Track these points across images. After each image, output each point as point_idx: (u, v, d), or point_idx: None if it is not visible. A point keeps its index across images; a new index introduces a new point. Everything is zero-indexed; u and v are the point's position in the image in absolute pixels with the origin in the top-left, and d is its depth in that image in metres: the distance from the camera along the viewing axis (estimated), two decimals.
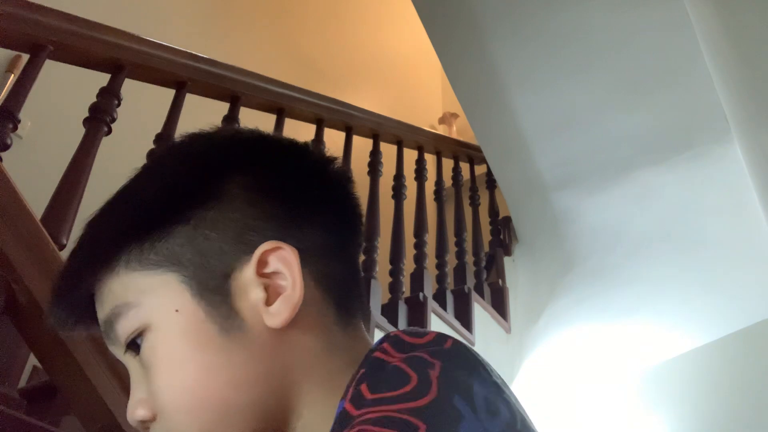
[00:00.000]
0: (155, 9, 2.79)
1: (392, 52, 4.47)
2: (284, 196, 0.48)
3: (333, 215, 0.50)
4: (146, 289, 0.45)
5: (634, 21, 2.14)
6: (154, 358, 0.45)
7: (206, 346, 0.44)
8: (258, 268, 0.45)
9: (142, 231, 0.46)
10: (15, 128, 1.32)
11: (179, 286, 0.45)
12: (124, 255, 0.46)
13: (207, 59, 1.85)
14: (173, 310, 0.45)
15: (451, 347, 0.42)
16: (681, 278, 2.81)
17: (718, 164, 2.49)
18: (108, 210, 0.49)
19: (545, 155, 2.62)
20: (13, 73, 2.20)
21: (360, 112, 2.40)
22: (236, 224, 0.46)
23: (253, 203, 0.47)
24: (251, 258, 0.45)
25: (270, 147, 0.52)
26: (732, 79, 1.94)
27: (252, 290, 0.45)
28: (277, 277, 0.45)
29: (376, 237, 2.16)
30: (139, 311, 0.45)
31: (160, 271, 0.45)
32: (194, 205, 0.46)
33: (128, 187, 0.50)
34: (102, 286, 0.47)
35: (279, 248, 0.45)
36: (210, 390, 0.43)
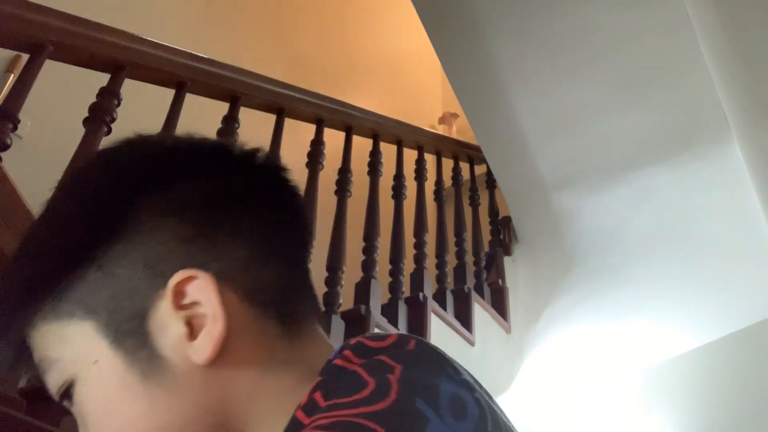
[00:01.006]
0: (155, 9, 2.79)
1: (392, 52, 4.47)
2: (195, 212, 0.44)
3: (256, 218, 0.46)
4: (64, 340, 0.42)
5: (634, 21, 2.14)
6: (83, 412, 0.42)
7: (131, 395, 0.41)
8: (175, 302, 0.41)
9: (48, 283, 0.43)
10: (15, 128, 1.32)
11: (95, 334, 0.42)
12: (39, 309, 0.43)
13: (207, 59, 1.85)
14: (92, 361, 0.41)
15: (414, 348, 0.40)
16: (681, 278, 2.82)
17: (718, 164, 2.49)
18: (16, 264, 0.45)
19: (545, 155, 2.62)
20: (13, 73, 2.20)
21: (360, 112, 2.40)
22: (145, 255, 0.42)
23: (161, 227, 0.43)
24: (166, 291, 0.41)
25: (177, 158, 0.47)
26: (732, 79, 1.94)
27: (172, 327, 0.41)
28: (198, 307, 0.41)
29: (376, 237, 2.16)
30: (61, 365, 0.42)
31: (75, 320, 0.42)
32: (96, 243, 0.42)
33: (30, 236, 0.46)
34: (28, 339, 0.44)
35: (193, 277, 0.41)
36: (141, 426, 0.40)
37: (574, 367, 3.17)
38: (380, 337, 0.41)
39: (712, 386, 3.04)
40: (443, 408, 0.34)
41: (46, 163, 1.68)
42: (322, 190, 2.03)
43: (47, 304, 0.43)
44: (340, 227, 2.04)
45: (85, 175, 0.47)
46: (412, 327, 2.15)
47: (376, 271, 2.08)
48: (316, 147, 2.13)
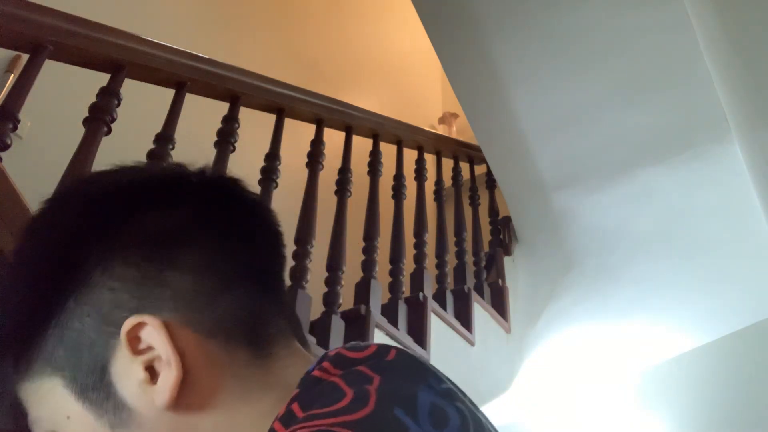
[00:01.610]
0: (155, 9, 2.79)
1: (392, 52, 4.47)
2: (140, 255, 0.43)
3: (208, 249, 0.45)
4: (41, 398, 0.43)
5: (634, 22, 2.14)
6: None
7: None
8: (131, 348, 0.41)
9: (15, 344, 0.43)
10: (15, 128, 1.32)
11: (64, 390, 0.42)
12: (16, 368, 0.44)
13: (207, 59, 1.85)
14: (65, 417, 0.42)
15: (393, 358, 0.39)
16: (681, 278, 2.82)
17: (718, 164, 2.49)
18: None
19: (545, 155, 2.62)
20: (13, 73, 2.20)
21: (360, 112, 2.40)
22: (97, 305, 0.42)
23: (110, 274, 0.42)
24: (120, 344, 0.41)
25: (118, 199, 0.45)
26: (732, 79, 1.94)
27: (132, 373, 0.41)
28: (155, 351, 0.41)
29: (376, 237, 2.16)
30: (42, 423, 0.43)
31: (45, 378, 0.43)
32: (53, 300, 0.42)
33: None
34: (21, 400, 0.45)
35: (142, 324, 0.41)
36: None
37: (574, 367, 3.17)
38: (360, 347, 0.41)
39: (712, 386, 3.05)
40: (422, 417, 0.34)
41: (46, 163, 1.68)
42: (322, 190, 2.03)
43: (21, 364, 0.43)
44: (340, 227, 2.04)
45: (34, 233, 0.46)
46: (412, 327, 2.15)
47: (376, 271, 2.08)
48: (316, 147, 2.13)
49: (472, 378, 2.43)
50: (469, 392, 1.67)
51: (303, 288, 1.76)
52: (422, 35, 2.46)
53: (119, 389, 0.41)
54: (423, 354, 2.10)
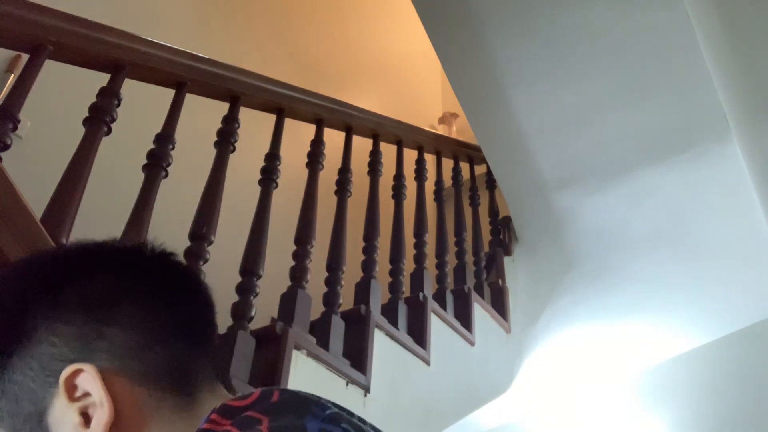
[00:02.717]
0: (155, 9, 2.79)
1: (392, 52, 4.47)
2: (82, 312, 0.48)
3: (143, 308, 0.50)
4: None
5: (634, 22, 2.14)
6: None
7: None
8: (68, 395, 0.45)
9: None
10: (15, 128, 1.32)
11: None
12: None
13: (207, 59, 1.85)
14: None
15: (278, 399, 0.42)
16: (681, 278, 2.82)
17: (718, 164, 2.49)
18: None
19: (545, 155, 2.62)
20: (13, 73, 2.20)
21: (360, 112, 2.40)
22: (39, 359, 0.46)
23: (53, 331, 0.47)
24: (59, 388, 0.45)
25: (62, 266, 0.51)
26: (732, 79, 1.94)
27: (68, 418, 0.45)
28: (89, 397, 0.45)
29: (376, 237, 2.16)
30: None
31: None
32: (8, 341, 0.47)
33: None
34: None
35: (80, 371, 0.45)
36: None
37: (574, 367, 3.17)
38: (243, 396, 0.44)
39: (712, 386, 3.04)
40: None
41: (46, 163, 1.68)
42: (322, 190, 2.03)
43: None
44: (340, 227, 2.04)
45: None
46: (412, 327, 2.15)
47: (376, 271, 2.08)
48: (316, 147, 2.13)
49: (472, 378, 2.44)
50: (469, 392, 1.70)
51: (303, 288, 1.76)
52: (422, 35, 2.46)
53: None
54: (423, 354, 2.10)
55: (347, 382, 1.75)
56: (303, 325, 1.71)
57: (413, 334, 2.12)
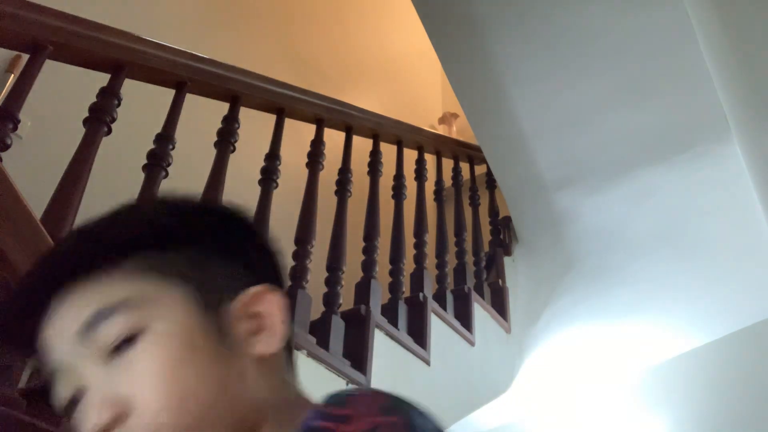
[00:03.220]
0: (155, 9, 2.79)
1: (392, 52, 4.47)
2: (256, 255, 0.55)
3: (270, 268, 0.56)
4: (151, 296, 0.47)
5: (634, 22, 2.14)
6: (147, 362, 0.45)
7: (200, 358, 0.46)
8: (250, 303, 0.51)
9: (162, 239, 0.50)
10: (15, 128, 1.32)
11: (183, 300, 0.48)
12: (137, 255, 0.49)
13: (207, 59, 1.85)
14: (176, 321, 0.47)
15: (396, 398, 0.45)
16: (681, 278, 2.82)
17: (718, 164, 2.49)
18: (135, 210, 0.53)
19: (545, 155, 2.62)
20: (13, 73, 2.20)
21: (360, 112, 2.40)
22: (238, 263, 0.52)
23: (252, 251, 0.55)
24: (248, 292, 0.51)
25: (222, 213, 0.56)
26: (732, 79, 1.94)
27: (243, 320, 0.50)
28: (262, 315, 0.51)
29: (376, 237, 2.16)
30: (139, 315, 0.46)
31: (167, 283, 0.48)
32: (210, 235, 0.52)
33: (145, 203, 0.55)
34: (90, 281, 0.47)
35: (272, 292, 0.52)
36: (198, 398, 0.45)
37: (574, 367, 3.17)
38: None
39: (712, 386, 3.04)
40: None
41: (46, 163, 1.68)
42: (322, 190, 2.03)
43: (147, 257, 0.49)
44: (340, 227, 2.04)
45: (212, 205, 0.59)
46: (412, 327, 2.15)
47: (376, 271, 2.08)
48: (316, 147, 2.13)
49: (472, 378, 2.43)
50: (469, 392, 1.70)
51: (303, 288, 1.76)
52: (422, 35, 2.46)
53: (229, 325, 0.49)
54: (423, 354, 2.10)
55: (347, 382, 1.75)
56: (303, 325, 1.71)
57: (413, 334, 2.12)
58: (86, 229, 0.50)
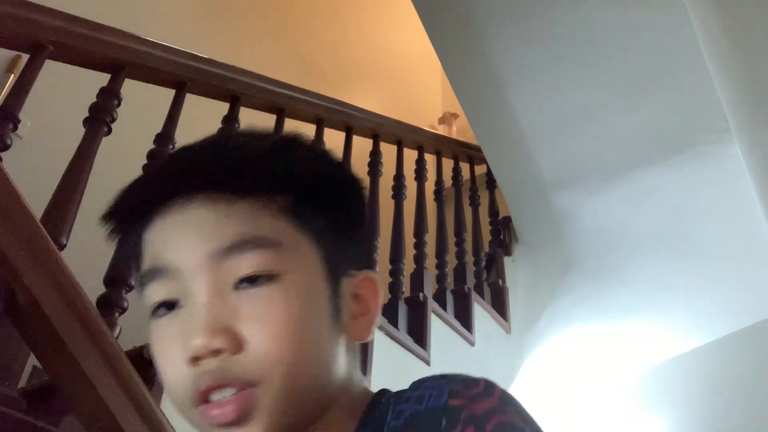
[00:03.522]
0: (155, 9, 2.79)
1: (392, 52, 4.47)
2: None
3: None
4: (294, 246, 0.47)
5: (634, 21, 2.14)
6: (278, 306, 0.44)
7: (320, 319, 0.47)
8: (360, 286, 0.51)
9: (308, 190, 0.49)
10: (15, 128, 1.32)
11: (317, 260, 0.48)
12: (291, 198, 0.48)
13: (207, 59, 1.85)
14: (311, 277, 0.47)
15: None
16: (681, 278, 2.82)
17: (718, 164, 2.49)
18: (303, 152, 0.52)
19: (545, 155, 2.62)
20: (13, 73, 2.20)
21: (360, 112, 2.40)
22: (351, 241, 0.52)
23: (357, 233, 0.54)
24: (362, 274, 0.52)
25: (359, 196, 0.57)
26: (732, 79, 1.94)
27: (348, 300, 0.50)
28: (366, 300, 0.51)
29: (376, 237, 2.15)
30: (281, 257, 0.46)
31: (307, 238, 0.48)
32: (350, 208, 0.52)
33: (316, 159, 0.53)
34: (237, 200, 0.46)
35: (375, 279, 0.53)
36: (317, 356, 0.46)
37: (574, 367, 3.17)
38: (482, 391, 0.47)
39: (712, 386, 3.04)
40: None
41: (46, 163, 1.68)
42: None
43: (300, 203, 0.48)
44: None
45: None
46: (412, 327, 2.15)
47: (376, 270, 2.08)
48: None
49: None
50: None
51: None
52: (422, 35, 2.46)
53: (341, 299, 0.49)
54: (423, 354, 2.10)
55: None
56: None
57: (413, 334, 2.12)
58: (260, 149, 0.49)
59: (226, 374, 0.43)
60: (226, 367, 0.43)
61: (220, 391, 0.43)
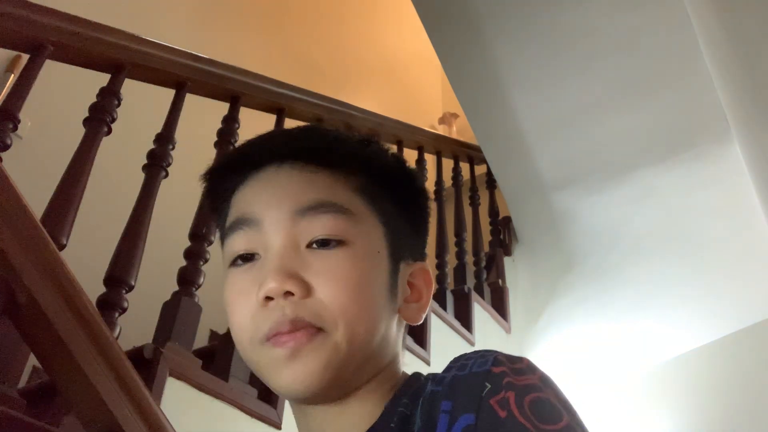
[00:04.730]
0: (155, 9, 2.79)
1: (392, 52, 4.47)
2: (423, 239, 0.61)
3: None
4: (363, 218, 0.52)
5: (634, 22, 2.14)
6: (347, 267, 0.49)
7: (381, 287, 0.52)
8: (416, 274, 0.56)
9: (389, 182, 0.55)
10: (15, 128, 1.32)
11: (382, 236, 0.53)
12: (357, 176, 0.53)
13: (207, 59, 1.85)
14: (376, 250, 0.52)
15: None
16: (681, 278, 2.82)
17: (718, 164, 2.49)
18: (382, 148, 0.59)
19: (545, 155, 2.62)
20: (13, 73, 2.20)
21: (360, 112, 2.40)
22: (411, 231, 0.57)
23: (417, 228, 0.59)
24: (420, 264, 0.57)
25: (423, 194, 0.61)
26: (732, 79, 1.94)
27: (403, 284, 0.55)
28: (419, 289, 0.56)
29: None
30: (352, 226, 0.51)
31: (376, 217, 0.53)
32: (403, 194, 0.57)
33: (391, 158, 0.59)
34: (321, 172, 0.53)
35: (430, 272, 0.57)
36: (373, 320, 0.50)
37: (575, 367, 3.17)
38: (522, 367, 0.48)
39: (712, 386, 3.04)
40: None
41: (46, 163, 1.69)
42: None
43: (374, 185, 0.54)
44: None
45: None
46: (412, 327, 2.14)
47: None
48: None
49: None
50: None
51: None
52: (422, 35, 2.46)
53: (397, 279, 0.54)
54: (423, 354, 2.10)
55: None
56: None
57: (413, 334, 2.12)
58: (345, 135, 0.57)
59: (297, 314, 0.48)
60: (296, 309, 0.48)
61: (289, 329, 0.48)
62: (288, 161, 0.53)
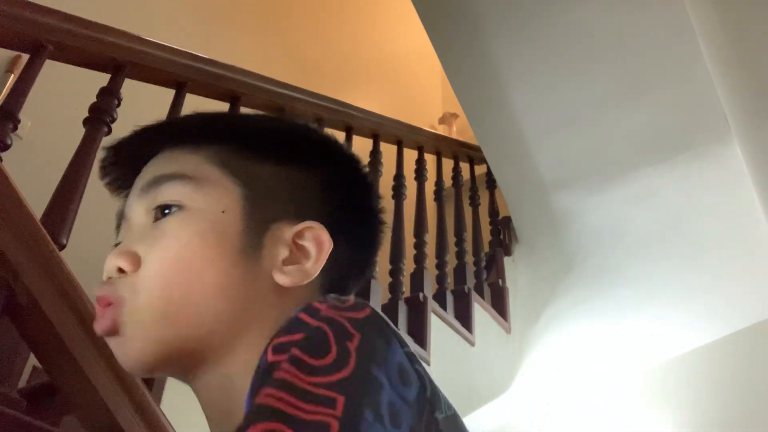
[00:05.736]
0: (155, 9, 2.79)
1: (392, 52, 4.47)
2: (342, 200, 0.56)
3: (364, 229, 0.60)
4: (211, 180, 0.51)
5: (634, 21, 2.14)
6: (177, 231, 0.49)
7: (223, 250, 0.49)
8: (299, 235, 0.51)
9: (246, 140, 0.53)
10: (15, 128, 1.32)
11: (238, 198, 0.51)
12: (219, 146, 0.52)
13: (207, 59, 1.85)
14: (221, 210, 0.50)
15: (369, 315, 0.42)
16: (681, 278, 2.82)
17: (718, 164, 2.49)
18: (233, 116, 0.58)
19: (545, 155, 2.62)
20: (13, 73, 2.20)
21: (360, 112, 2.40)
22: (305, 193, 0.53)
23: (324, 189, 0.55)
24: (297, 224, 0.51)
25: (342, 154, 0.59)
26: (732, 79, 1.94)
27: (281, 246, 0.51)
28: (304, 250, 0.51)
29: None
30: (193, 191, 0.50)
31: (232, 179, 0.51)
32: (289, 156, 0.54)
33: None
34: (177, 150, 0.53)
35: (325, 233, 0.51)
36: (200, 282, 0.47)
37: (575, 367, 3.17)
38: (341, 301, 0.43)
39: (712, 386, 3.05)
40: (392, 375, 0.37)
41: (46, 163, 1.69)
42: None
43: (225, 150, 0.52)
44: None
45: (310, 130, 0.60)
46: (412, 327, 2.15)
47: (376, 271, 2.08)
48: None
49: (472, 378, 2.43)
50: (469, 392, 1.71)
51: None
52: (422, 35, 2.46)
53: (266, 241, 0.50)
54: (423, 354, 2.10)
55: None
56: None
57: (413, 334, 2.12)
58: (196, 115, 0.56)
59: (103, 292, 0.47)
60: (116, 284, 0.47)
61: (99, 310, 0.48)
62: (161, 151, 0.54)
